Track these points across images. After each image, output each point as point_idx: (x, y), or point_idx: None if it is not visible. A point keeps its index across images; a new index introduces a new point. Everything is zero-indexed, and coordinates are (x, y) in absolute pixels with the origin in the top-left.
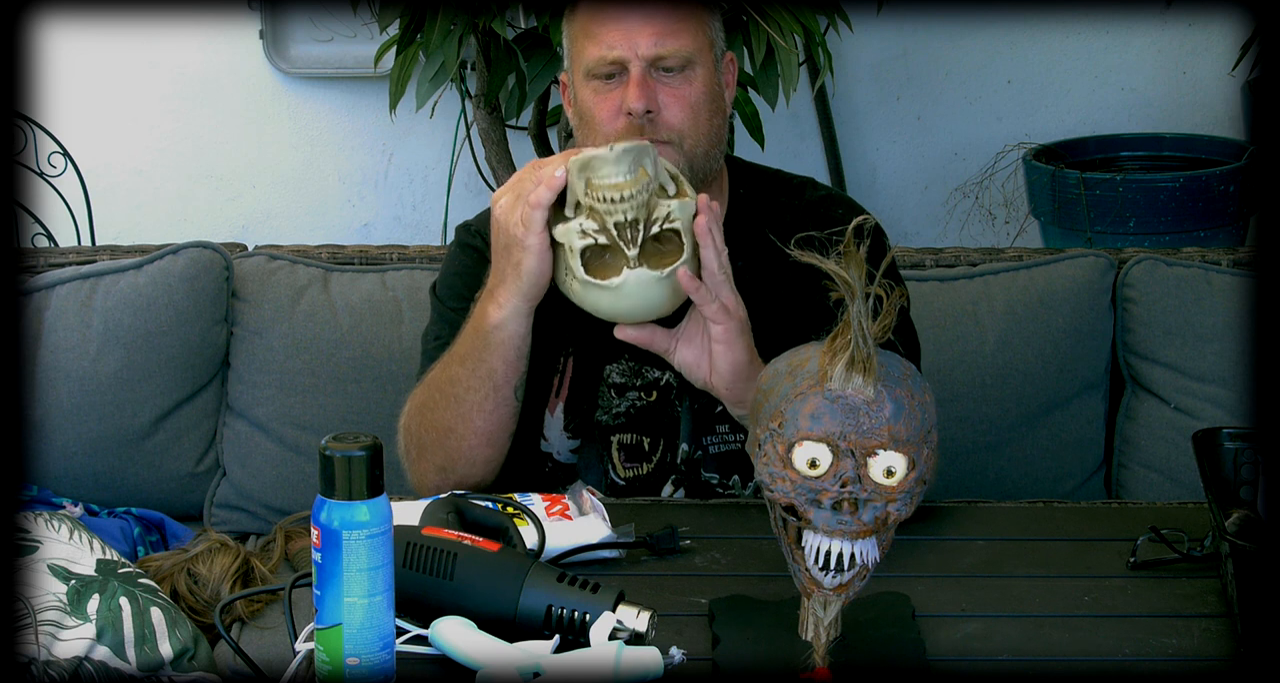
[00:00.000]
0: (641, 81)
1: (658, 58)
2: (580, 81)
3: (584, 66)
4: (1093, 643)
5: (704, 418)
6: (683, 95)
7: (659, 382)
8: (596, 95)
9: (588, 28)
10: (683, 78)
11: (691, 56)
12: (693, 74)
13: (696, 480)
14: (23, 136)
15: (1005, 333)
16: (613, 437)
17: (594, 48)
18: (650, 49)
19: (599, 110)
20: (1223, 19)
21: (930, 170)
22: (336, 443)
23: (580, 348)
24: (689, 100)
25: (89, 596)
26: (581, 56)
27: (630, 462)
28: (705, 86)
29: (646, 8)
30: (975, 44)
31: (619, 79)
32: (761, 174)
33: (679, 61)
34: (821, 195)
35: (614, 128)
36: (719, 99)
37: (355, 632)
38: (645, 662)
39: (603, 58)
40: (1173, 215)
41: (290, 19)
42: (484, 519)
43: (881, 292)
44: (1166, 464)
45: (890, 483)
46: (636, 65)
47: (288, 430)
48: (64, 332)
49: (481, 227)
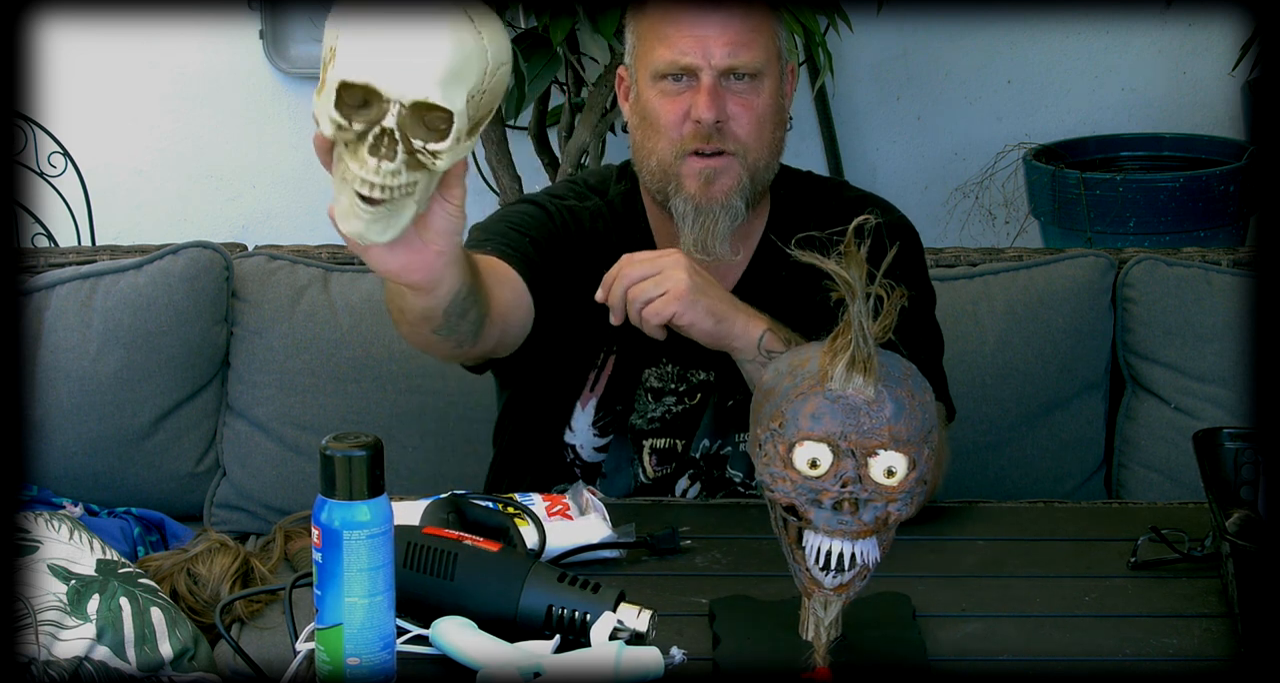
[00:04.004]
0: (713, 91)
1: (730, 68)
2: (645, 81)
3: (652, 67)
4: (1093, 643)
5: (736, 414)
6: (751, 106)
7: (704, 383)
8: (663, 98)
9: (660, 28)
10: (752, 89)
11: (761, 68)
12: (761, 85)
13: (717, 477)
14: (23, 136)
15: (1005, 333)
16: (645, 441)
17: (665, 50)
18: (724, 60)
19: (665, 114)
20: (1223, 19)
21: (930, 170)
22: (337, 443)
23: (623, 348)
24: (756, 113)
25: (89, 596)
26: (650, 57)
27: (661, 464)
28: (772, 99)
29: (722, 15)
30: (975, 44)
31: (687, 83)
32: (797, 177)
33: (750, 72)
34: (857, 196)
35: (679, 134)
36: (782, 111)
37: (356, 632)
38: (645, 662)
39: (674, 62)
40: (1173, 215)
41: (290, 19)
42: (484, 519)
43: (882, 292)
44: (1166, 464)
45: (891, 483)
46: (709, 74)
47: (288, 430)
48: (64, 332)
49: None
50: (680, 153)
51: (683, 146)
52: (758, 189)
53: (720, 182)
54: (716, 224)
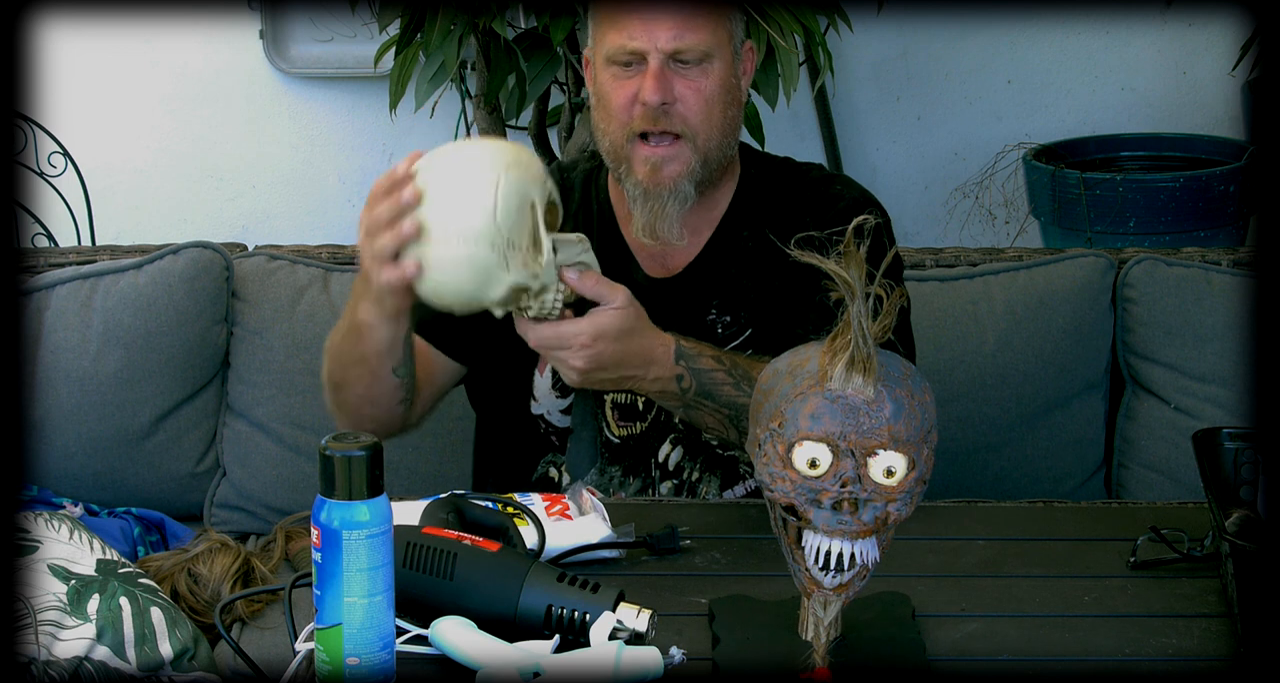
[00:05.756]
0: (659, 75)
1: (676, 51)
2: (600, 64)
3: (605, 51)
4: (1093, 643)
5: None
6: (699, 88)
7: None
8: (615, 81)
9: (612, 14)
10: (700, 71)
11: (709, 50)
12: (710, 67)
13: (697, 440)
14: (23, 136)
15: (1005, 333)
16: (606, 396)
17: (615, 35)
18: (669, 43)
19: (615, 97)
20: (1223, 19)
21: (930, 170)
22: (336, 443)
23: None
24: (704, 94)
25: (89, 596)
26: (603, 41)
27: (625, 421)
28: (721, 80)
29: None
30: (975, 44)
31: (637, 67)
32: (772, 160)
33: (697, 56)
34: (824, 175)
35: (629, 116)
36: (734, 90)
37: (355, 632)
38: (645, 662)
39: (622, 47)
40: (1173, 215)
41: (290, 19)
42: (484, 519)
43: (882, 291)
44: (1166, 464)
45: (890, 483)
46: (655, 57)
47: (288, 430)
48: (64, 332)
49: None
50: (630, 135)
51: (631, 129)
52: (711, 170)
53: (668, 168)
54: (664, 208)
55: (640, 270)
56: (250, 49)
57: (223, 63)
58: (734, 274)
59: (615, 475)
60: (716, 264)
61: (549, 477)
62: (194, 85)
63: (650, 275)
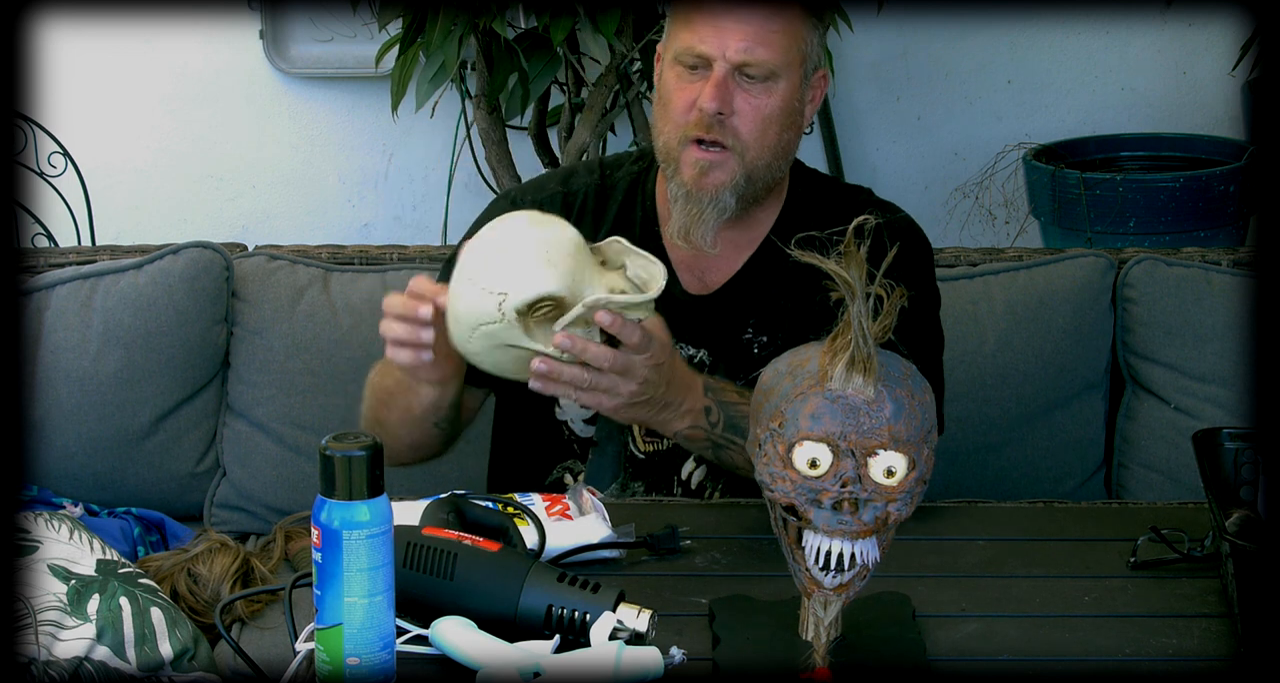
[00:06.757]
0: (721, 84)
1: (743, 64)
2: (668, 61)
3: (674, 50)
4: (1093, 643)
5: None
6: (758, 106)
7: (692, 360)
8: (678, 82)
9: (687, 13)
10: (763, 88)
11: (777, 70)
12: (774, 86)
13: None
14: (23, 136)
15: (1005, 333)
16: None
17: (687, 35)
18: (738, 54)
19: (676, 98)
20: (1223, 19)
21: (930, 170)
22: (337, 443)
23: None
24: (762, 112)
25: (89, 596)
26: (674, 39)
27: (650, 436)
28: (784, 101)
29: (747, 10)
30: (975, 44)
31: (702, 72)
32: (821, 180)
33: (763, 72)
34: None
35: (685, 119)
36: (795, 114)
37: (355, 632)
38: (645, 662)
39: (691, 48)
40: (1173, 215)
41: (290, 19)
42: (484, 519)
43: (882, 291)
44: (1166, 464)
45: (890, 483)
46: (721, 66)
47: (288, 430)
48: (64, 332)
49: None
50: (683, 138)
51: (685, 132)
52: (755, 187)
53: (714, 175)
54: (702, 214)
55: (679, 285)
56: (250, 49)
57: (223, 63)
58: (773, 294)
59: (638, 491)
60: (756, 283)
61: (563, 483)
62: (194, 85)
63: (688, 291)
